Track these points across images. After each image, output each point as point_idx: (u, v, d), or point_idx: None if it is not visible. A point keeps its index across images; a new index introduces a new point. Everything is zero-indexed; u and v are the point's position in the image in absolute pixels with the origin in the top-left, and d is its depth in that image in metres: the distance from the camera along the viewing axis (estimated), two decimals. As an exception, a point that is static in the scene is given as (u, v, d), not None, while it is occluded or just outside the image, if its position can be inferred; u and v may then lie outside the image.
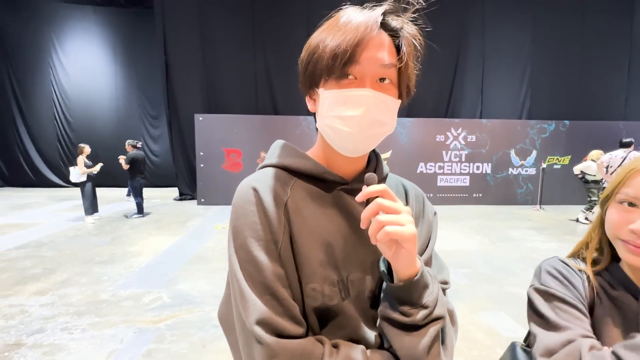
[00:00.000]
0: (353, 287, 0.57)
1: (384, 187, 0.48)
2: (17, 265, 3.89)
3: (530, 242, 5.07)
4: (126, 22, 10.43)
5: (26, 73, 10.36)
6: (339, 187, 0.59)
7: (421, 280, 0.50)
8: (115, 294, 3.20)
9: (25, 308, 2.91)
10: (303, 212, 0.56)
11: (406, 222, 0.47)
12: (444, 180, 8.33)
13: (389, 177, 0.68)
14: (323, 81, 0.54)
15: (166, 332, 2.56)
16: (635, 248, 0.56)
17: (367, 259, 0.57)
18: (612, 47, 9.27)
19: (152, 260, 4.14)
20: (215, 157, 7.79)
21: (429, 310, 0.50)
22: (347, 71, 0.51)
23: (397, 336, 0.51)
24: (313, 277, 0.54)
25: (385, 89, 0.53)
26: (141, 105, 10.91)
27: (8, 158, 10.65)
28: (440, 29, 9.02)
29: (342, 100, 0.51)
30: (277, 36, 8.69)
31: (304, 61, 0.56)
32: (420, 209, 0.67)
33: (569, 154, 8.35)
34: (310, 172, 0.58)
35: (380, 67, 0.51)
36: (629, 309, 0.62)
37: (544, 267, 0.70)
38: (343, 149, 0.56)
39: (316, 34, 0.55)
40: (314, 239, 0.55)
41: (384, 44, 0.51)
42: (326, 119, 0.54)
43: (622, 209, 0.60)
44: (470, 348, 2.40)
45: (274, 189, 0.56)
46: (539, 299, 0.65)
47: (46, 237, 5.11)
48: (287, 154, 0.61)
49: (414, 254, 0.49)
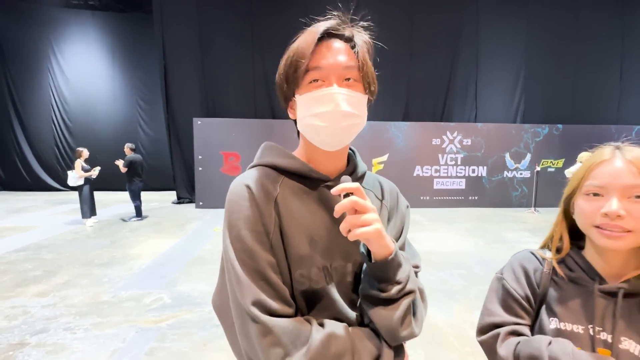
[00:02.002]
0: (336, 273, 0.64)
1: (357, 186, 0.55)
2: (17, 268, 3.92)
3: (525, 244, 5.17)
4: (125, 26, 10.50)
5: (24, 77, 10.38)
6: (322, 184, 0.66)
7: (395, 259, 0.58)
8: (116, 295, 3.25)
9: (28, 309, 2.95)
10: (291, 207, 0.63)
11: (372, 221, 0.54)
12: (440, 183, 8.44)
13: (367, 174, 0.76)
14: (297, 90, 0.62)
15: (167, 332, 2.61)
16: (610, 232, 0.62)
17: (348, 248, 0.65)
18: (605, 52, 9.47)
19: (152, 263, 4.18)
20: (214, 160, 7.85)
21: (402, 285, 0.58)
22: (312, 77, 0.60)
23: (375, 311, 0.59)
24: (301, 264, 0.61)
25: (351, 86, 0.61)
26: (139, 109, 10.95)
27: (5, 162, 10.63)
28: (435, 33, 9.19)
29: (315, 100, 0.59)
30: (275, 41, 8.79)
31: (277, 78, 0.65)
32: (395, 202, 0.75)
33: (562, 157, 8.49)
34: (297, 171, 0.65)
35: (342, 69, 0.60)
36: (586, 288, 0.69)
37: (511, 260, 0.81)
38: (322, 143, 0.63)
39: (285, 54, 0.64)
40: (301, 230, 0.62)
41: (340, 49, 0.60)
42: (304, 119, 0.62)
43: (590, 199, 0.66)
44: (464, 345, 2.47)
45: (265, 185, 0.63)
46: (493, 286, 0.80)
47: (45, 240, 5.14)
48: (276, 155, 0.68)
49: (383, 241, 0.56)
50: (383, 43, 0.68)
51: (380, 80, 0.67)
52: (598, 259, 0.69)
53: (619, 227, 0.61)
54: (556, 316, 0.70)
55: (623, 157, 0.64)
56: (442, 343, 2.51)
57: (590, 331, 0.66)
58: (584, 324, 0.67)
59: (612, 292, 0.66)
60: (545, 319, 0.71)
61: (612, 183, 0.63)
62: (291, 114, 0.67)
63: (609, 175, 0.64)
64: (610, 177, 0.63)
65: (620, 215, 0.61)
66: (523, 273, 0.75)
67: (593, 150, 0.70)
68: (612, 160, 0.65)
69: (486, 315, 0.76)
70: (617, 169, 0.63)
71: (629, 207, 0.61)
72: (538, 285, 0.74)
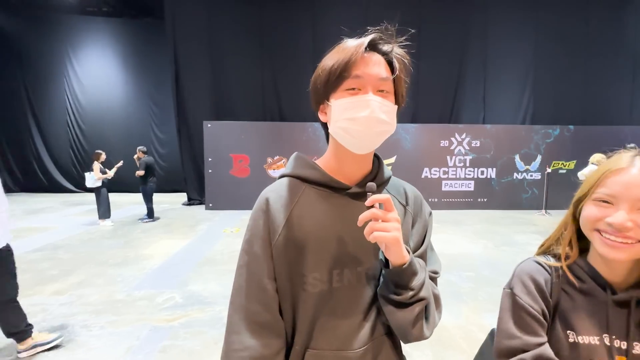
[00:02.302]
0: (350, 277, 0.69)
1: (387, 197, 0.60)
2: (36, 267, 4.07)
3: (535, 247, 4.93)
4: (137, 32, 10.76)
5: (41, 82, 10.73)
6: (343, 191, 0.71)
7: (409, 268, 0.63)
8: (130, 294, 3.34)
9: (46, 307, 3.06)
10: (310, 214, 0.68)
11: (392, 229, 0.59)
12: (449, 185, 8.39)
13: (392, 180, 0.79)
14: (331, 95, 0.66)
15: (180, 330, 2.69)
16: (613, 242, 0.61)
17: (363, 254, 0.69)
18: (616, 52, 9.29)
19: (164, 263, 4.28)
20: (223, 162, 7.96)
21: (415, 292, 0.63)
22: (350, 85, 0.64)
23: (391, 311, 0.66)
24: (315, 268, 0.67)
25: (385, 97, 0.65)
26: (151, 113, 11.19)
27: (23, 164, 10.98)
28: (443, 34, 9.16)
29: (352, 105, 0.64)
30: (283, 45, 8.90)
31: (312, 83, 0.69)
32: (419, 209, 0.79)
33: (574, 159, 8.35)
34: (318, 181, 0.71)
35: (378, 80, 0.64)
36: (598, 299, 0.67)
37: (517, 272, 0.75)
38: (353, 145, 0.67)
39: (321, 62, 0.68)
40: (318, 236, 0.67)
41: (379, 62, 0.65)
42: (338, 122, 0.65)
43: (599, 205, 0.64)
44: (472, 347, 2.48)
45: (284, 197, 0.70)
46: (505, 304, 0.73)
47: (62, 240, 5.30)
48: (300, 165, 0.74)
49: (399, 250, 0.61)
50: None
51: None
52: (603, 266, 0.68)
53: (626, 236, 0.60)
54: (572, 329, 0.68)
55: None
56: (450, 345, 2.52)
57: (605, 340, 0.65)
58: (599, 334, 0.66)
59: (624, 301, 0.66)
60: (561, 332, 0.68)
61: (624, 193, 0.61)
62: (322, 116, 0.71)
63: (622, 185, 0.61)
64: (623, 187, 0.61)
65: (626, 227, 0.59)
66: (534, 285, 0.71)
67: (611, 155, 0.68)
68: (628, 169, 0.62)
69: (504, 337, 0.70)
70: (632, 179, 0.61)
71: (636, 219, 0.59)
72: (550, 296, 0.71)
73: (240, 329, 0.65)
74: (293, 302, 0.68)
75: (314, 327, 0.67)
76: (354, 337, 0.67)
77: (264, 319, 0.66)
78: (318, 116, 0.73)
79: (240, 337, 0.65)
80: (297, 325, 0.69)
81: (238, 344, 0.64)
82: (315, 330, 0.67)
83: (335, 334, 0.67)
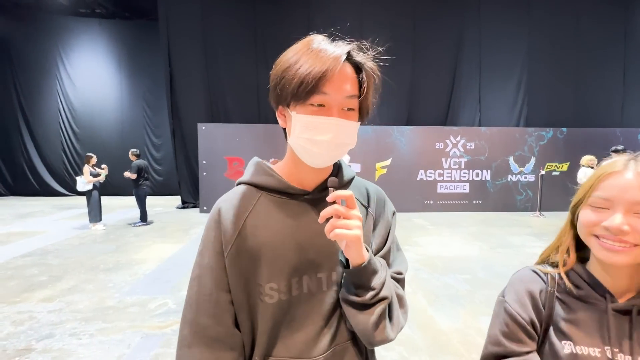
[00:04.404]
0: (310, 284, 0.66)
1: (350, 193, 0.58)
2: (24, 273, 3.96)
3: (530, 248, 5.12)
4: (131, 34, 10.66)
5: (33, 84, 10.56)
6: (301, 197, 0.68)
7: (369, 267, 0.61)
8: (122, 301, 3.26)
9: (34, 314, 2.97)
10: (265, 222, 0.66)
11: (353, 227, 0.57)
12: (444, 187, 8.41)
13: (355, 180, 0.77)
14: (293, 103, 0.60)
15: (172, 337, 2.62)
16: (611, 245, 0.60)
17: (323, 260, 0.67)
18: (608, 54, 9.43)
19: (157, 268, 4.20)
20: (218, 165, 7.90)
21: (375, 291, 0.61)
22: (317, 100, 0.59)
23: (353, 315, 0.64)
24: (271, 277, 0.64)
25: (349, 116, 0.62)
26: (145, 115, 11.08)
27: (13, 167, 10.78)
28: (437, 37, 9.23)
29: (313, 126, 0.60)
30: (278, 47, 8.55)
31: (274, 79, 0.63)
32: (381, 209, 0.76)
33: (567, 161, 8.43)
34: (274, 188, 0.68)
35: (345, 99, 0.60)
36: (597, 308, 0.65)
37: (512, 280, 0.75)
38: (312, 163, 0.65)
39: (288, 55, 0.62)
40: (274, 245, 0.64)
41: (348, 77, 0.60)
42: (299, 139, 0.62)
43: (595, 210, 0.63)
44: (470, 351, 2.45)
45: (237, 207, 0.67)
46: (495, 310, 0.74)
47: (51, 245, 5.18)
48: (256, 173, 0.72)
49: (360, 249, 0.60)
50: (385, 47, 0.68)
51: (383, 85, 0.67)
52: (603, 273, 0.66)
53: (623, 241, 0.59)
54: (569, 339, 0.66)
55: (636, 169, 0.60)
56: (448, 349, 2.49)
57: (607, 353, 0.63)
58: (599, 346, 0.64)
59: (625, 310, 0.64)
60: (557, 342, 0.66)
61: (619, 197, 0.60)
62: (281, 120, 0.68)
63: (618, 188, 0.61)
64: (619, 191, 0.60)
65: (623, 230, 0.58)
66: (527, 294, 0.71)
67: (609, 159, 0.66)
68: (623, 172, 0.61)
69: (490, 343, 0.72)
70: (627, 183, 0.60)
71: (633, 222, 0.58)
72: (544, 306, 0.69)
73: (191, 343, 0.64)
74: (250, 314, 0.66)
75: (273, 337, 0.66)
76: (314, 345, 0.65)
77: (215, 332, 0.64)
78: (277, 116, 0.69)
79: (190, 350, 0.63)
80: (255, 336, 0.66)
81: (188, 358, 0.63)
82: (274, 340, 0.66)
83: (294, 342, 0.65)
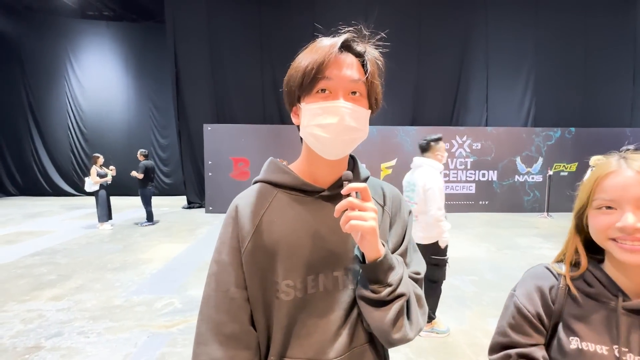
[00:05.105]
0: (326, 282, 0.66)
1: (364, 186, 0.58)
2: (33, 272, 4.02)
3: (538, 250, 5.06)
4: (138, 36, 10.79)
5: (42, 86, 10.73)
6: (317, 194, 0.69)
7: (385, 261, 0.60)
8: (129, 300, 3.29)
9: (43, 313, 3.01)
10: (282, 219, 0.66)
11: (369, 218, 0.57)
12: (450, 187, 8.34)
13: (370, 179, 0.78)
14: (302, 97, 0.64)
15: (178, 337, 2.64)
16: (631, 246, 0.59)
17: (339, 258, 0.66)
18: (616, 53, 9.28)
19: (163, 267, 4.23)
20: (224, 166, 7.94)
21: (393, 287, 0.61)
22: (320, 86, 0.61)
23: (369, 312, 0.62)
24: (287, 274, 0.64)
25: (356, 101, 0.63)
26: (151, 116, 11.20)
27: (23, 167, 10.97)
28: (443, 37, 9.17)
29: (321, 111, 0.61)
30: (283, 48, 8.89)
31: (285, 82, 0.67)
32: (397, 208, 0.76)
33: (575, 161, 8.31)
34: (290, 185, 0.69)
35: (350, 82, 0.62)
36: (608, 306, 0.65)
37: (524, 276, 0.77)
38: (324, 152, 0.65)
39: (296, 59, 0.66)
40: (290, 242, 0.65)
41: (351, 64, 0.63)
42: (308, 127, 0.64)
43: (603, 213, 0.63)
44: (477, 353, 2.42)
45: (254, 204, 0.68)
46: (506, 303, 0.77)
47: (60, 244, 5.25)
48: (272, 171, 0.73)
49: (375, 242, 0.59)
50: (391, 47, 0.69)
51: (389, 85, 0.68)
52: (619, 274, 0.66)
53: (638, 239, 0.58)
54: (576, 335, 0.67)
55: (631, 166, 0.61)
56: (455, 351, 2.47)
57: (615, 352, 0.63)
58: (607, 344, 0.63)
59: (637, 309, 0.63)
60: (564, 338, 0.67)
61: (624, 195, 0.60)
62: (295, 119, 0.70)
63: (620, 187, 0.61)
64: (621, 190, 0.60)
65: (638, 228, 0.57)
66: (537, 290, 0.72)
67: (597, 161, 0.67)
68: (619, 171, 0.62)
69: (497, 334, 0.75)
70: (628, 180, 0.60)
71: None
72: (553, 302, 0.71)
73: (207, 340, 0.64)
74: (266, 311, 0.66)
75: (288, 336, 0.65)
76: (330, 346, 0.64)
77: (231, 329, 0.63)
78: (292, 118, 0.71)
79: (207, 348, 0.63)
80: (271, 335, 0.66)
81: (204, 356, 0.63)
82: (290, 339, 0.65)
83: (310, 343, 0.64)
